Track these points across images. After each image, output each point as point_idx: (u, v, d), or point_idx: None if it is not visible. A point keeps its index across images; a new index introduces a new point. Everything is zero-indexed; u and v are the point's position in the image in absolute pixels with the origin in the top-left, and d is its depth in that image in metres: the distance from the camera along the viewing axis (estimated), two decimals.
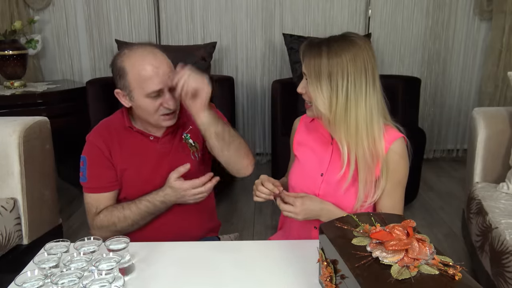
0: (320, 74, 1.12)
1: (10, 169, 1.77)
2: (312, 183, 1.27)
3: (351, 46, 1.13)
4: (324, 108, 1.14)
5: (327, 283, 0.90)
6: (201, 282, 1.02)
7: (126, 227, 1.27)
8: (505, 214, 1.58)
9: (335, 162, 1.24)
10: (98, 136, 1.32)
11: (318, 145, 1.30)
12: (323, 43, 1.14)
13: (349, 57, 1.12)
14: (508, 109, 1.97)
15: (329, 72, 1.11)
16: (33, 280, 0.88)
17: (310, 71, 1.13)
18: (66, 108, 2.78)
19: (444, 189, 3.10)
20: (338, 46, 1.13)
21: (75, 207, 2.84)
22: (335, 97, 1.13)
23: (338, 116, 1.15)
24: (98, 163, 1.30)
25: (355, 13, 3.40)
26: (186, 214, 1.35)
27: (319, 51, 1.13)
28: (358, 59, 1.12)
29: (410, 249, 0.79)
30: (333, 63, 1.11)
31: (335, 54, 1.12)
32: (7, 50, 2.76)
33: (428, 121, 3.63)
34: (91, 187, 1.30)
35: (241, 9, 3.37)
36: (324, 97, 1.14)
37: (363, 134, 1.16)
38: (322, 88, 1.13)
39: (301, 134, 1.35)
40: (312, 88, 1.14)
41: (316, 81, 1.13)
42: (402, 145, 1.21)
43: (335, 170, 1.23)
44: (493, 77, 3.40)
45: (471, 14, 3.45)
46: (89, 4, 3.31)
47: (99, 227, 1.28)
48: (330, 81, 1.12)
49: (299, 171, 1.31)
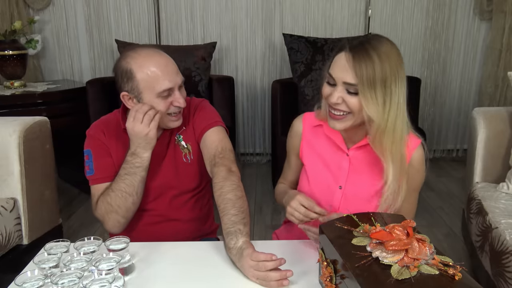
0: (374, 80, 1.03)
1: (10, 169, 1.77)
2: (331, 196, 1.21)
3: (394, 47, 1.09)
4: (378, 117, 1.06)
5: (327, 283, 0.90)
6: (201, 282, 1.01)
7: (120, 201, 1.22)
8: (505, 214, 1.58)
9: (354, 174, 1.20)
10: (98, 130, 1.32)
11: (330, 154, 1.23)
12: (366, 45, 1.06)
13: (397, 59, 1.07)
14: (508, 109, 1.96)
15: (383, 77, 1.04)
16: (33, 280, 0.88)
17: (362, 77, 1.03)
18: (66, 108, 2.78)
19: (444, 189, 3.10)
20: (385, 48, 1.06)
21: (75, 207, 2.84)
22: (388, 104, 1.06)
23: (390, 124, 1.07)
24: (102, 154, 1.29)
25: (355, 13, 3.40)
26: (180, 222, 1.34)
27: (368, 55, 1.04)
28: (402, 61, 1.09)
29: (410, 249, 0.79)
30: (385, 67, 1.04)
31: (386, 57, 1.05)
32: (7, 50, 2.76)
33: (428, 121, 3.63)
34: (98, 177, 1.28)
35: (241, 9, 3.37)
36: (379, 105, 1.05)
37: (402, 143, 1.10)
38: (377, 95, 1.04)
39: (308, 140, 1.27)
40: (364, 96, 1.04)
41: (369, 88, 1.03)
42: (422, 152, 1.18)
43: (354, 182, 1.19)
44: (493, 77, 3.40)
45: (471, 14, 3.45)
46: (89, 4, 3.31)
47: (101, 214, 1.26)
48: (385, 87, 1.04)
49: (313, 183, 1.24)
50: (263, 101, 3.55)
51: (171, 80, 1.21)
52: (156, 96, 1.21)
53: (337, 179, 1.22)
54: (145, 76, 1.20)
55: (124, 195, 1.23)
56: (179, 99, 1.24)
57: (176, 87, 1.24)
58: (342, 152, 1.22)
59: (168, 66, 1.23)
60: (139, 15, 3.35)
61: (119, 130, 1.31)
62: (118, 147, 1.31)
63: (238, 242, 1.04)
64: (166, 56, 1.25)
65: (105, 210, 1.24)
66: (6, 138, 1.76)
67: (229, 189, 1.15)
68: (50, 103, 2.70)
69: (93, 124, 1.35)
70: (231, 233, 1.07)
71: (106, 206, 1.24)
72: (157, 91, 1.21)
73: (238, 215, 1.10)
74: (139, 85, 1.21)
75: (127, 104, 1.26)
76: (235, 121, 3.33)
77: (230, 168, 1.21)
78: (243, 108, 3.56)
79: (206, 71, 2.95)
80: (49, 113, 2.41)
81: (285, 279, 0.96)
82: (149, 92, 1.21)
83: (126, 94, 1.24)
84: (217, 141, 1.29)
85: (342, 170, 1.21)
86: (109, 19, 3.34)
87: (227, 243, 1.07)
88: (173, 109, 1.25)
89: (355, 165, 1.20)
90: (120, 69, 1.23)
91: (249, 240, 1.06)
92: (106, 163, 1.29)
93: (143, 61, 1.21)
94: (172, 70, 1.23)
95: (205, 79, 2.92)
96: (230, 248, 1.06)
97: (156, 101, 1.22)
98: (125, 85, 1.23)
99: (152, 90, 1.21)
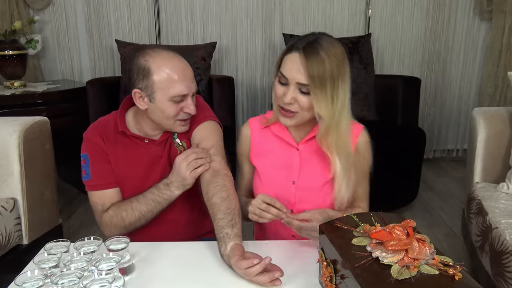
0: (325, 79, 1.07)
1: (10, 169, 1.77)
2: (285, 192, 1.24)
3: (340, 45, 1.13)
4: (327, 114, 1.11)
5: (327, 283, 0.90)
6: (201, 282, 1.01)
7: (134, 220, 1.25)
8: (505, 214, 1.58)
9: (305, 168, 1.24)
10: (95, 132, 1.31)
11: (281, 152, 1.26)
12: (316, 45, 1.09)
13: (343, 56, 1.11)
14: (508, 109, 1.97)
15: (332, 76, 1.08)
16: (33, 280, 0.88)
17: (314, 78, 1.07)
18: (66, 108, 2.78)
19: (444, 189, 3.10)
20: (332, 47, 1.10)
21: (75, 207, 2.84)
22: (336, 100, 1.10)
23: (336, 119, 1.12)
24: (100, 159, 1.29)
25: (355, 13, 3.40)
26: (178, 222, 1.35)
27: (318, 54, 1.07)
28: (346, 57, 1.13)
29: (410, 249, 0.79)
30: (333, 65, 1.08)
31: (333, 55, 1.09)
32: (7, 50, 2.76)
33: (428, 121, 3.63)
34: (95, 184, 1.28)
35: (241, 9, 3.36)
36: (328, 102, 1.10)
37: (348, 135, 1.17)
38: (327, 94, 1.09)
39: (257, 142, 1.30)
40: (315, 95, 1.08)
41: (320, 87, 1.08)
42: (366, 136, 1.25)
43: (306, 175, 1.23)
44: (493, 77, 3.40)
45: (471, 14, 3.45)
46: (89, 4, 3.31)
47: (107, 223, 1.26)
48: (334, 85, 1.09)
49: (266, 183, 1.27)
50: (263, 101, 3.55)
51: (187, 86, 1.21)
52: (169, 99, 1.21)
53: (290, 175, 1.25)
54: (162, 77, 1.19)
55: (140, 217, 1.25)
56: (190, 105, 1.23)
57: (190, 94, 1.23)
58: (292, 148, 1.25)
59: (186, 72, 1.22)
60: (139, 15, 3.35)
61: (117, 133, 1.31)
62: (117, 150, 1.30)
63: (227, 249, 1.05)
64: (185, 62, 1.24)
65: (116, 223, 1.25)
66: (6, 138, 1.76)
67: (214, 192, 1.16)
68: (50, 103, 2.70)
69: (90, 126, 1.34)
70: (220, 239, 1.08)
71: (118, 220, 1.25)
72: (171, 94, 1.20)
73: (224, 219, 1.10)
74: (154, 85, 1.20)
75: (137, 102, 1.25)
76: (235, 121, 3.33)
77: (214, 168, 1.22)
78: (243, 108, 3.56)
79: (206, 71, 2.95)
80: (49, 113, 2.41)
81: (276, 279, 0.96)
82: (163, 94, 1.20)
83: (138, 92, 1.23)
84: (205, 137, 1.29)
85: (293, 166, 1.24)
86: (109, 19, 3.34)
87: (219, 249, 1.09)
88: (183, 116, 1.25)
89: (306, 158, 1.24)
90: (137, 66, 1.21)
91: (238, 243, 1.06)
92: (103, 169, 1.29)
93: (162, 62, 1.20)
94: (189, 76, 1.23)
95: (205, 79, 2.92)
96: (221, 255, 1.07)
97: (167, 104, 1.21)
98: (139, 82, 1.22)
99: (166, 92, 1.20)
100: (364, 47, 2.99)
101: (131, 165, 1.30)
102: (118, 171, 1.30)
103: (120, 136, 1.31)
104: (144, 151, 1.31)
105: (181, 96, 1.21)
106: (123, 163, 1.30)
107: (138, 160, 1.30)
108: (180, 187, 1.23)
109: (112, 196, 1.29)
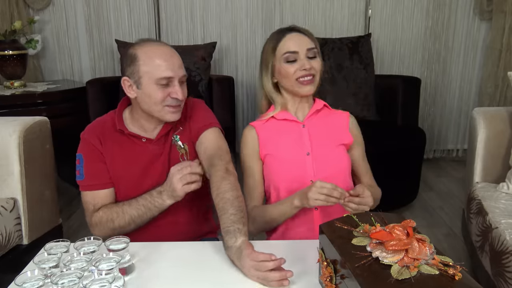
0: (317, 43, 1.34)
1: (10, 169, 1.77)
2: (302, 165, 1.31)
3: None
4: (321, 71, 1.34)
5: (327, 283, 0.90)
6: (201, 282, 1.01)
7: (123, 224, 1.25)
8: (505, 214, 1.58)
9: (316, 139, 1.34)
10: (92, 133, 1.31)
11: (288, 131, 1.36)
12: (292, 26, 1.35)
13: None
14: (508, 109, 1.97)
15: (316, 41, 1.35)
16: (33, 280, 0.88)
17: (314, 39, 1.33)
18: (66, 108, 2.78)
19: (444, 189, 3.10)
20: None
21: (75, 207, 2.84)
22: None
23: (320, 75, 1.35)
24: (95, 160, 1.29)
25: (355, 13, 3.40)
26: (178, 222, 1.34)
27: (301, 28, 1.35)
28: None
29: (410, 249, 0.79)
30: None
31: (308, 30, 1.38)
32: (7, 50, 2.75)
33: (428, 121, 3.63)
34: (88, 184, 1.29)
35: (241, 9, 3.36)
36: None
37: None
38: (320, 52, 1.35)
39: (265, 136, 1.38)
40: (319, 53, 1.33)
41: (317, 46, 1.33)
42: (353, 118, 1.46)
43: (319, 144, 1.33)
44: (493, 77, 3.40)
45: (471, 14, 3.45)
46: (89, 4, 3.31)
47: (97, 223, 1.26)
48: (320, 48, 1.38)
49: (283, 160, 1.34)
50: None
51: (172, 69, 1.22)
52: (155, 82, 1.21)
53: (303, 148, 1.34)
54: (147, 61, 1.21)
55: (130, 221, 1.25)
56: (178, 91, 1.23)
57: (176, 79, 1.23)
58: (298, 126, 1.36)
59: (173, 57, 1.24)
60: (139, 15, 3.35)
61: (115, 131, 1.31)
62: (114, 149, 1.30)
63: (237, 241, 1.04)
64: (173, 50, 1.26)
65: (105, 224, 1.25)
66: (6, 138, 1.76)
67: (227, 189, 1.15)
68: (50, 103, 2.70)
69: (88, 126, 1.34)
70: (230, 232, 1.07)
71: (107, 222, 1.25)
72: (156, 76, 1.20)
73: (236, 214, 1.10)
74: (140, 69, 1.21)
75: (126, 91, 1.26)
76: (235, 121, 3.33)
77: (227, 169, 1.21)
78: (243, 108, 3.56)
79: (206, 71, 2.95)
80: (49, 113, 2.40)
81: (285, 279, 0.96)
82: (149, 77, 1.21)
83: (126, 79, 1.25)
84: (214, 142, 1.29)
85: (304, 140, 1.35)
86: (109, 19, 3.34)
87: (226, 241, 1.07)
88: (170, 101, 1.24)
89: (314, 131, 1.36)
90: (127, 55, 1.25)
91: (248, 240, 1.06)
92: (97, 169, 1.29)
93: (149, 49, 1.23)
94: (176, 62, 1.24)
95: (205, 79, 2.92)
96: (229, 247, 1.06)
97: (154, 87, 1.22)
98: (127, 69, 1.24)
99: (151, 75, 1.21)
100: (364, 47, 3.00)
101: (128, 164, 1.30)
102: (114, 170, 1.30)
103: (117, 135, 1.31)
104: (141, 150, 1.31)
105: (166, 78, 1.21)
106: (120, 161, 1.30)
107: (135, 159, 1.31)
108: (171, 197, 1.22)
109: (104, 197, 1.29)
